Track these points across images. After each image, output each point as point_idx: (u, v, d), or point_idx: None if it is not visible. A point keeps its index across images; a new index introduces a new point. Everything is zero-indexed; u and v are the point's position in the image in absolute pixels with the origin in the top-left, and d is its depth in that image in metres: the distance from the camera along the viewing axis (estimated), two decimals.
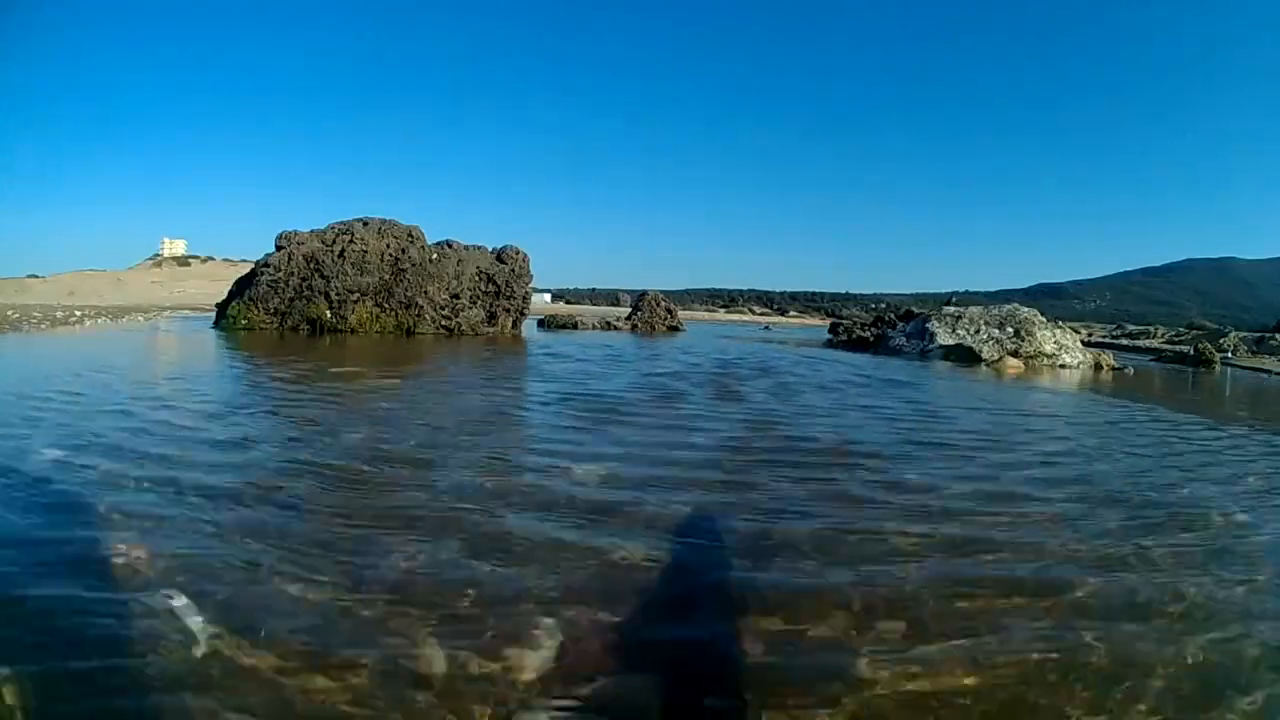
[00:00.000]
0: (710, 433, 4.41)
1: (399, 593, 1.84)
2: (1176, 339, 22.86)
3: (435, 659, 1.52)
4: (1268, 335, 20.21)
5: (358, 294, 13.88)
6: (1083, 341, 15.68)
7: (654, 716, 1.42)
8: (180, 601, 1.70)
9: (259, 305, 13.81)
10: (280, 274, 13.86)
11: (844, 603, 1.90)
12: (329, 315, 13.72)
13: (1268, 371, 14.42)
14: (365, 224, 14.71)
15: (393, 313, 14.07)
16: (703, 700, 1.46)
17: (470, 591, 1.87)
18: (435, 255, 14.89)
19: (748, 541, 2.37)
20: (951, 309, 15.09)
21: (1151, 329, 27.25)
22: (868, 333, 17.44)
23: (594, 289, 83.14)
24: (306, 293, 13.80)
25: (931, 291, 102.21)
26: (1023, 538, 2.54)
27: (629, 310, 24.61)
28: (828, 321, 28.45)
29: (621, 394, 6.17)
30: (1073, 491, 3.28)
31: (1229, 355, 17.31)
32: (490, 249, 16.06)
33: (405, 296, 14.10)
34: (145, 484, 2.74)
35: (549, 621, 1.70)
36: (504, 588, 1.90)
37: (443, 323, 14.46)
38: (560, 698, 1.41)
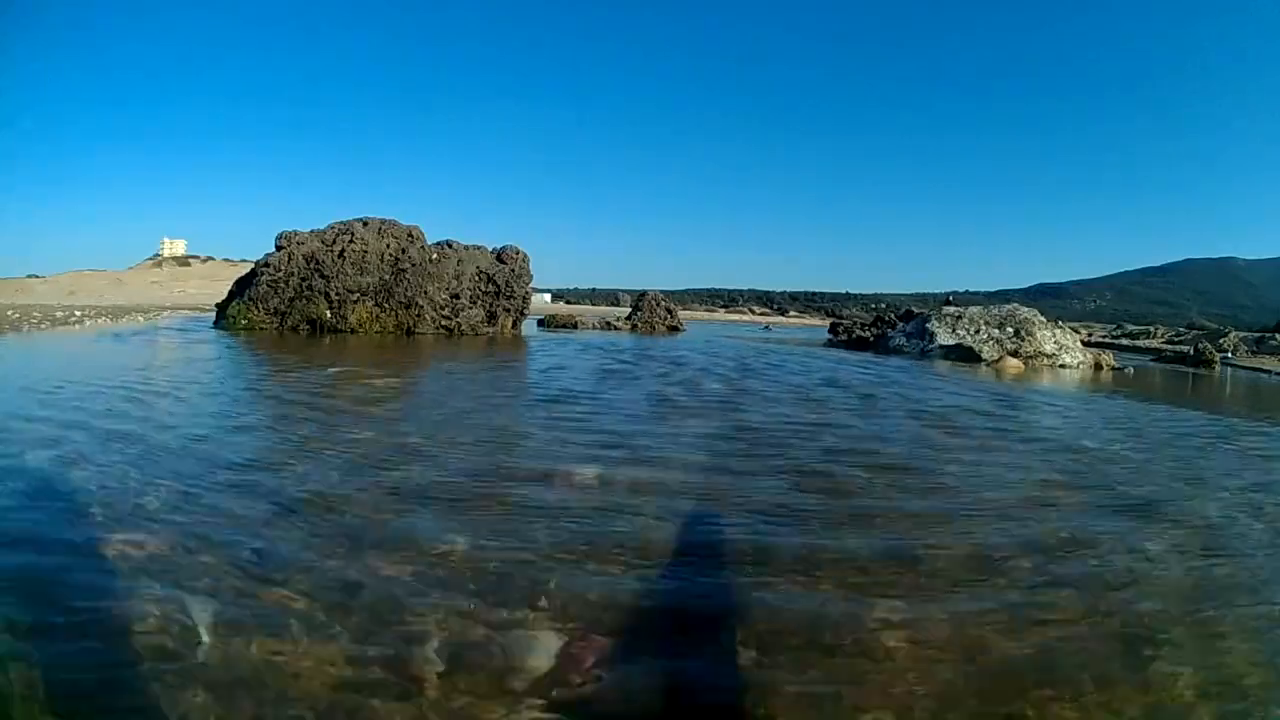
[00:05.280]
0: None
1: None
2: (1176, 339, 22.87)
3: None
4: (1268, 335, 20.21)
5: (358, 294, 13.89)
6: (1083, 341, 15.69)
7: None
8: None
9: (259, 305, 13.81)
10: (280, 274, 13.86)
11: None
12: (329, 315, 13.72)
13: (1268, 371, 14.42)
14: (365, 224, 14.71)
15: (393, 313, 14.07)
16: None
17: None
18: (435, 255, 14.89)
19: None
20: (951, 309, 15.09)
21: (1151, 329, 27.24)
22: (868, 332, 17.44)
23: (594, 289, 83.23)
24: (306, 293, 13.80)
25: (931, 291, 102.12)
26: None
27: (629, 310, 24.60)
28: (828, 321, 28.42)
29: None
30: None
31: (1229, 355, 17.32)
32: (490, 249, 16.06)
33: (405, 296, 14.10)
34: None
35: None
36: None
37: (443, 323, 14.47)
38: None
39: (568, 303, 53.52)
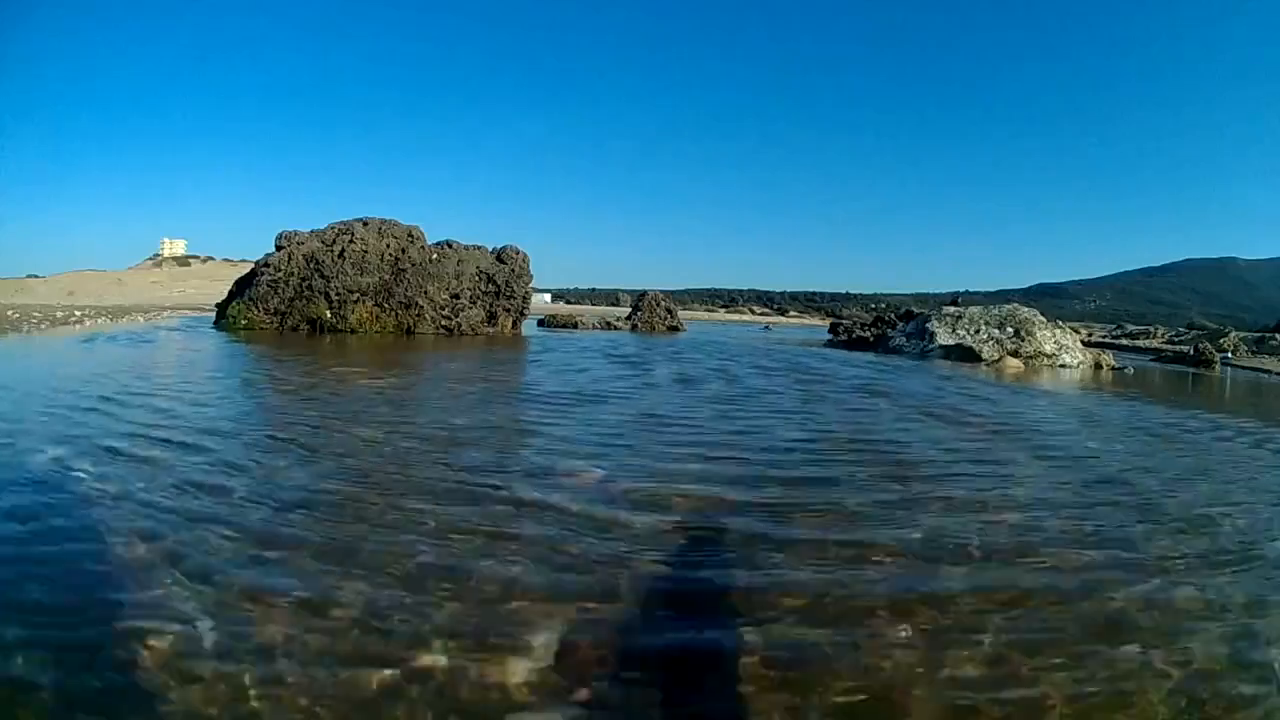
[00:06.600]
0: None
1: None
2: (1176, 339, 22.87)
3: None
4: (1268, 335, 20.21)
5: (358, 294, 13.89)
6: (1083, 341, 15.69)
7: None
8: None
9: (259, 305, 13.81)
10: (280, 274, 13.87)
11: None
12: (329, 315, 13.72)
13: (1267, 371, 14.42)
14: (365, 224, 14.71)
15: (393, 313, 14.07)
16: None
17: None
18: (435, 255, 14.89)
19: None
20: (952, 309, 15.10)
21: (1151, 329, 27.25)
22: (868, 333, 17.45)
23: (594, 289, 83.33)
24: (306, 293, 13.81)
25: (931, 292, 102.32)
26: None
27: (629, 310, 24.61)
28: (828, 321, 28.45)
29: None
30: None
31: (1229, 355, 17.32)
32: (490, 249, 16.06)
33: (405, 296, 14.11)
34: None
35: None
36: None
37: (443, 323, 14.47)
38: None
39: (568, 303, 53.55)
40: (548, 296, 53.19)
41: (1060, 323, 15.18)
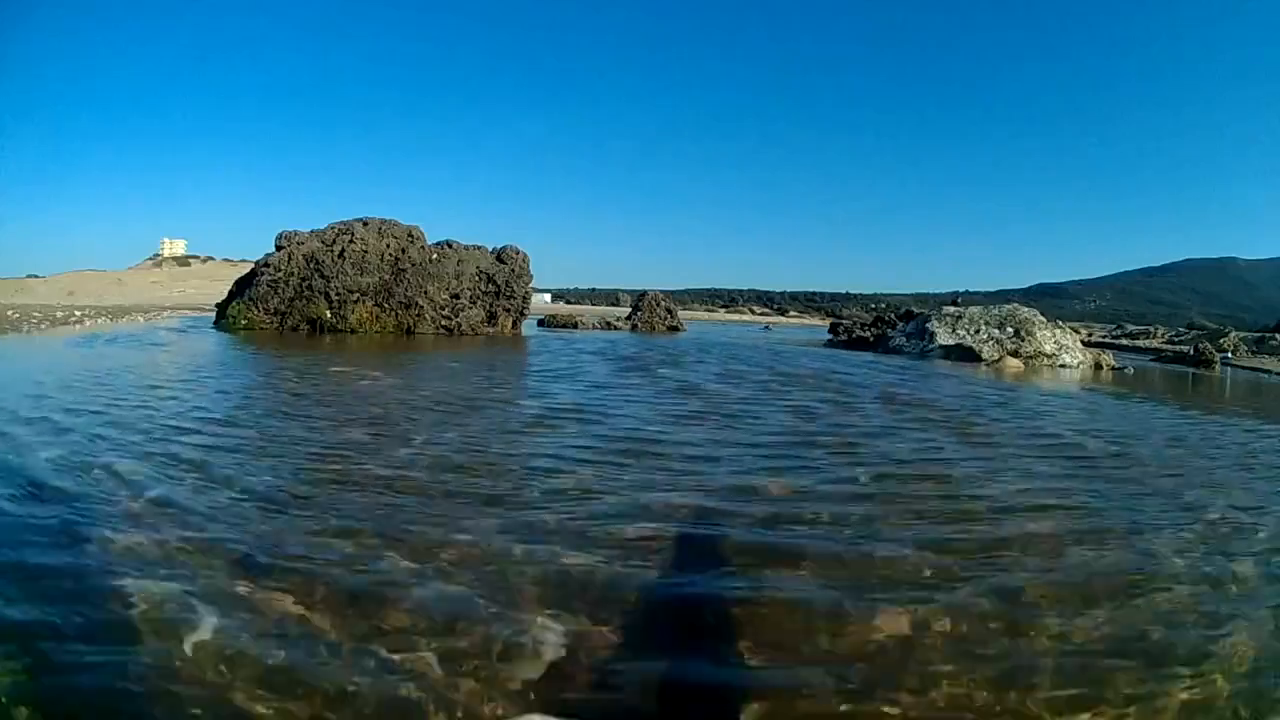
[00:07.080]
0: None
1: None
2: (1176, 339, 22.88)
3: None
4: (1268, 335, 20.23)
5: (358, 294, 13.89)
6: (1083, 341, 15.70)
7: None
8: None
9: (259, 305, 13.81)
10: (280, 274, 13.87)
11: None
12: (329, 315, 13.73)
13: (1267, 371, 14.43)
14: (365, 224, 14.72)
15: (393, 313, 14.08)
16: None
17: None
18: (435, 255, 14.90)
19: None
20: (952, 309, 15.10)
21: (1151, 329, 27.28)
22: (868, 333, 17.46)
23: (594, 289, 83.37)
24: (306, 293, 13.81)
25: (931, 292, 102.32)
26: None
27: (629, 310, 24.63)
28: (828, 321, 28.45)
29: None
30: None
31: (1228, 355, 17.33)
32: (490, 249, 16.06)
33: (405, 296, 14.11)
34: None
35: None
36: None
37: (443, 323, 14.47)
38: None
39: (568, 303, 53.57)
40: (548, 296, 53.19)
41: (1060, 323, 15.19)
